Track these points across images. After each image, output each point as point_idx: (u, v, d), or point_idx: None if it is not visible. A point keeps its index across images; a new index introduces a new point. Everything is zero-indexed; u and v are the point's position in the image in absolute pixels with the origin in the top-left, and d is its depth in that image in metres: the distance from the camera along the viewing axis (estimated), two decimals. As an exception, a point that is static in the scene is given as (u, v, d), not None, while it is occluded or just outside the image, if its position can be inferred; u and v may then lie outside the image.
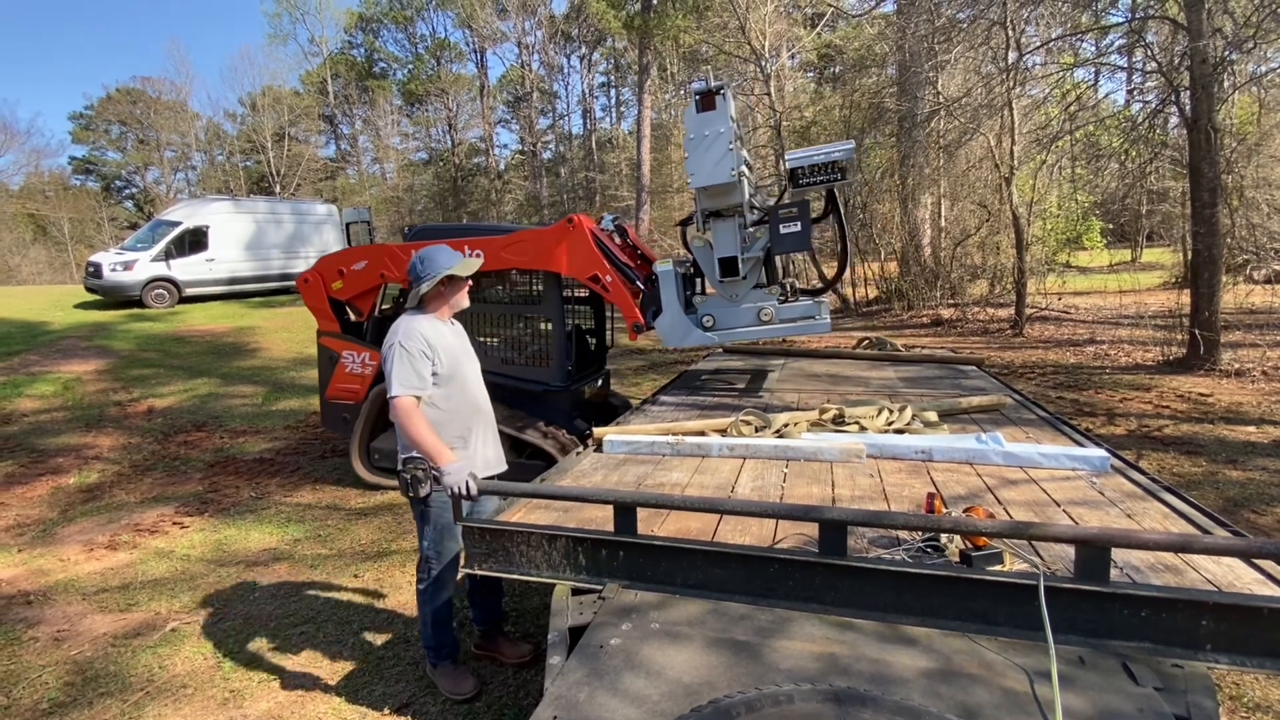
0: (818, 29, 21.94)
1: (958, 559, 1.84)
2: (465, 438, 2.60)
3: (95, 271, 13.67)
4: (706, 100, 3.80)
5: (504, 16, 37.08)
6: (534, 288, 4.83)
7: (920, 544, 1.92)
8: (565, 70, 40.20)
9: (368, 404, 5.05)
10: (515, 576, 2.09)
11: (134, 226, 31.43)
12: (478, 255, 4.32)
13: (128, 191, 44.67)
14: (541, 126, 40.32)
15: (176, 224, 14.41)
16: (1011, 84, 11.09)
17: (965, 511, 1.86)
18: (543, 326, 4.87)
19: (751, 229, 4.08)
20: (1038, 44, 11.59)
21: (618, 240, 4.90)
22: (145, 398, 8.08)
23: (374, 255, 5.01)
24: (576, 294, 5.09)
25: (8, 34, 69.10)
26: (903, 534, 2.00)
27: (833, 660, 1.54)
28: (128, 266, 13.62)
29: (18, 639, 3.28)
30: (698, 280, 4.38)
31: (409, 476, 2.35)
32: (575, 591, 1.97)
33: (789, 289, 4.27)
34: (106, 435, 6.89)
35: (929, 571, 1.68)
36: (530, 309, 4.91)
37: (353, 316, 5.33)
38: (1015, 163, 11.66)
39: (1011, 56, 11.04)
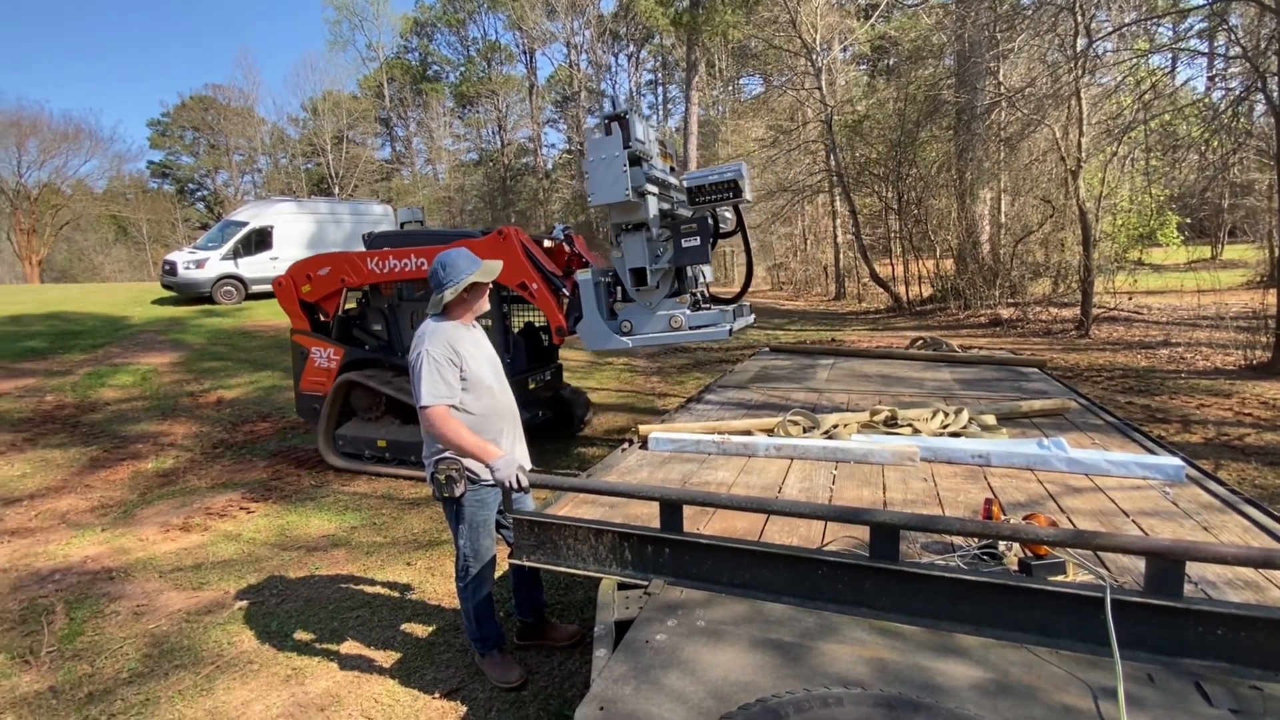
0: (871, 20, 21.40)
1: (1016, 568, 1.78)
2: (498, 440, 2.59)
3: (170, 269, 14.51)
4: (609, 126, 4.10)
5: (553, 17, 37.51)
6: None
7: (976, 551, 1.87)
8: (613, 69, 40.44)
9: (331, 395, 5.50)
10: (562, 569, 2.13)
11: (205, 227, 33.26)
12: (422, 264, 4.97)
13: (199, 193, 47.25)
14: (589, 125, 40.62)
15: (243, 224, 15.16)
16: (1080, 72, 10.56)
17: (1026, 519, 1.79)
18: (484, 322, 5.17)
19: (660, 241, 4.35)
20: (1109, 29, 11.02)
21: (568, 249, 5.20)
22: (215, 389, 8.54)
23: (335, 262, 5.46)
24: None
25: (92, 46, 74.05)
26: (958, 540, 1.95)
27: (882, 666, 1.51)
28: (199, 265, 14.41)
29: (101, 612, 3.52)
30: (618, 289, 4.60)
31: (443, 478, 2.39)
32: (621, 586, 1.99)
33: (699, 298, 4.56)
34: (180, 424, 7.32)
35: (986, 579, 1.63)
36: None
37: (321, 317, 5.77)
38: (1083, 155, 11.10)
39: (1080, 43, 10.51)
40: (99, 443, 6.68)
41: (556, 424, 6.16)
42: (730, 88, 34.08)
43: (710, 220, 4.37)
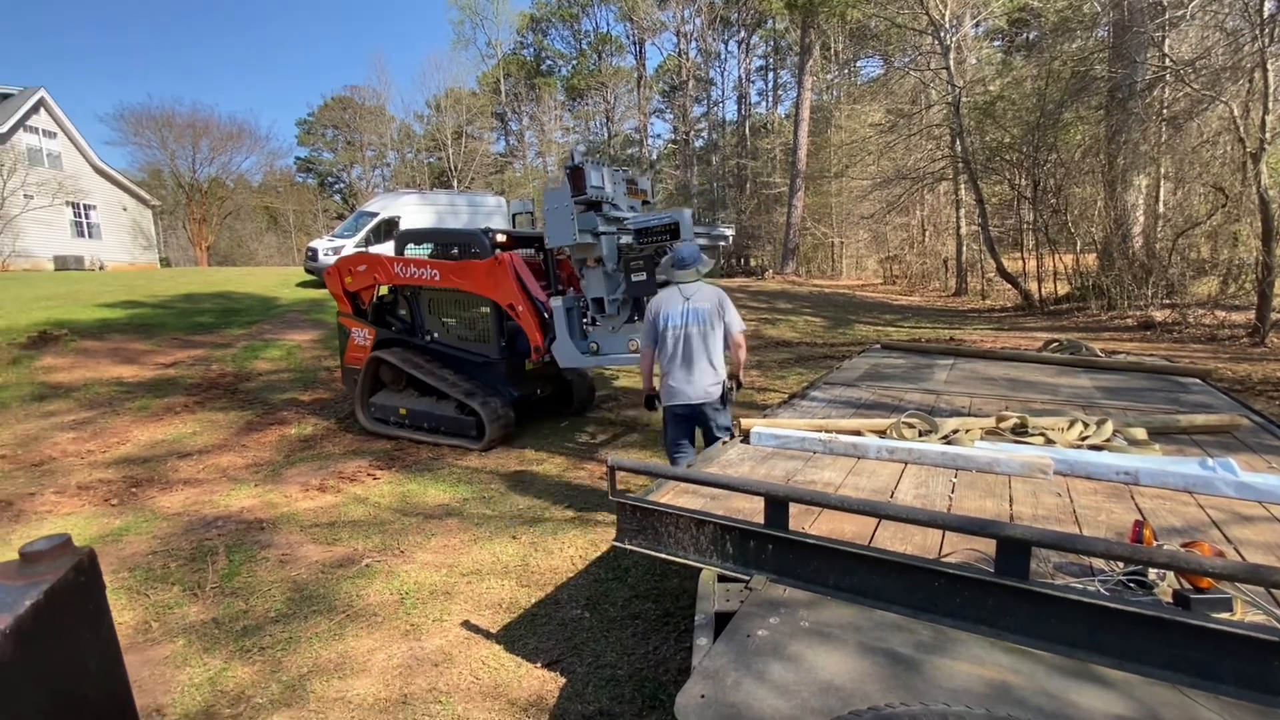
0: (1010, -9, 19.61)
1: (1170, 600, 1.59)
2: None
3: (312, 256, 16.05)
4: (566, 176, 4.79)
5: (664, 6, 37.49)
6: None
7: (1121, 577, 1.69)
8: (722, 56, 39.85)
9: (364, 368, 6.37)
10: (662, 556, 2.15)
11: (341, 217, 36.50)
12: (435, 275, 5.97)
13: (337, 186, 51.91)
14: (695, 115, 40.39)
15: (374, 214, 16.46)
16: (1267, 41, 9.12)
17: (1185, 546, 1.59)
18: (484, 310, 5.97)
19: (617, 275, 4.97)
20: (1310, -13, 9.42)
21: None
22: (348, 364, 9.36)
23: (371, 262, 6.45)
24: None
25: (252, 55, 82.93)
26: (1098, 563, 1.77)
27: (1005, 689, 1.40)
28: (336, 252, 15.81)
29: (254, 557, 3.99)
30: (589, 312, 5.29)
31: (737, 385, 3.93)
32: (721, 579, 1.98)
33: None
34: (318, 395, 8.11)
35: (1134, 609, 1.47)
36: (475, 298, 6.00)
37: (361, 304, 6.70)
38: (1268, 136, 9.60)
39: (1268, 7, 9.08)
40: (253, 408, 7.55)
41: (555, 401, 6.94)
42: (846, 71, 32.57)
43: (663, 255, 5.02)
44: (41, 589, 0.78)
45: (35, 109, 23.30)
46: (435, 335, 6.35)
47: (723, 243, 5.57)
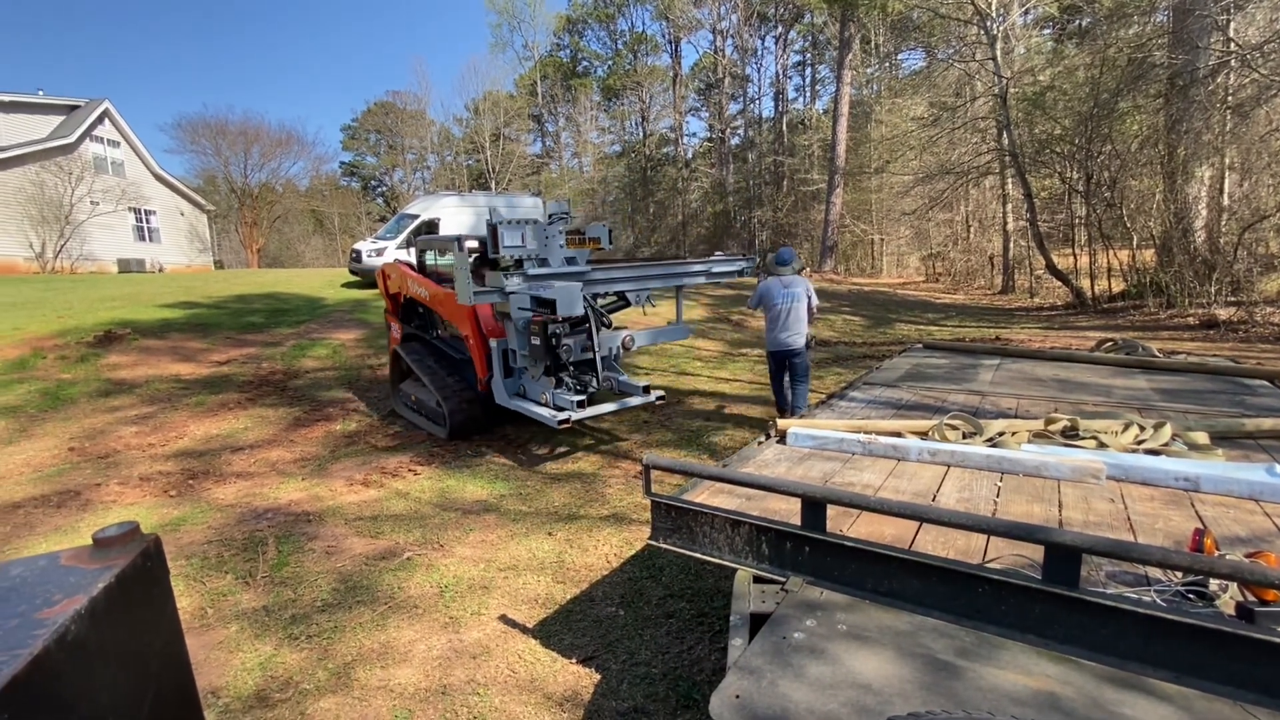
0: (1061, -23, 18.89)
1: (1233, 612, 1.52)
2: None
3: (356, 257, 16.51)
4: (460, 243, 5.23)
5: (700, 4, 37.29)
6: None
7: (1179, 587, 1.61)
8: (759, 52, 39.41)
9: (392, 359, 7.37)
10: (697, 555, 2.14)
11: (384, 219, 37.44)
12: (425, 293, 6.67)
13: (379, 189, 53.24)
14: (731, 112, 40.07)
15: (415, 216, 16.82)
16: (1346, 19, 8.56)
17: (1250, 556, 1.51)
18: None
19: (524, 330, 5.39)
20: (1395, -38, 8.81)
21: None
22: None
23: (399, 272, 7.40)
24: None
25: (299, 64, 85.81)
26: (1154, 573, 1.70)
27: (1052, 700, 1.35)
28: (379, 253, 16.23)
29: (301, 548, 4.13)
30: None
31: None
32: (757, 579, 1.97)
33: (562, 381, 5.50)
34: (362, 392, 8.34)
35: (1194, 621, 1.40)
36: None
37: (397, 304, 7.57)
38: (1344, 121, 9.03)
39: (1349, -17, 8.52)
40: (300, 405, 7.81)
41: None
42: (887, 64, 31.87)
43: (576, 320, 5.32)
44: (113, 572, 0.83)
45: (100, 120, 24.56)
46: (439, 333, 7.18)
47: (727, 278, 6.73)
